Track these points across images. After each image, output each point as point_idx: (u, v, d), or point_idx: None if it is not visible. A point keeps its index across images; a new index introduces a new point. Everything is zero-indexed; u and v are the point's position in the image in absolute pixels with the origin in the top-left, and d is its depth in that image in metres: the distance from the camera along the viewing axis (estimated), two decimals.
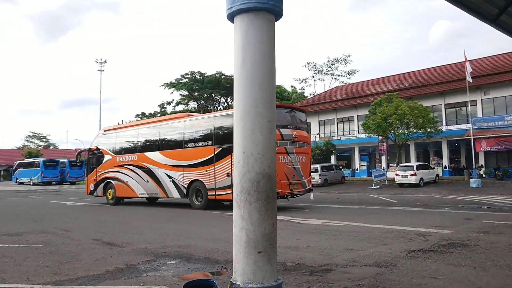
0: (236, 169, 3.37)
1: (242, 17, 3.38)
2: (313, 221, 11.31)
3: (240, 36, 3.38)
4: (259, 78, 3.29)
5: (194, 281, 3.47)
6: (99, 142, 20.10)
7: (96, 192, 19.67)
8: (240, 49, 3.35)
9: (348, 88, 50.31)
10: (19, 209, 17.52)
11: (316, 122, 45.48)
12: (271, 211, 3.27)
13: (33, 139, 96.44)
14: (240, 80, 3.34)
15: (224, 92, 60.64)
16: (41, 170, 49.05)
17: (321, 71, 66.25)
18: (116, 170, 18.50)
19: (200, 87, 59.42)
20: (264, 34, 3.34)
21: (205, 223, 11.57)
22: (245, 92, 3.30)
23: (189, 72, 61.16)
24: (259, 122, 3.25)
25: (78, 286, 5.25)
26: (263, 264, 3.18)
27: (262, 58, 3.31)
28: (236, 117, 3.37)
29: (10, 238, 9.32)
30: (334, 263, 6.21)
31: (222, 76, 60.70)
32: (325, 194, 24.56)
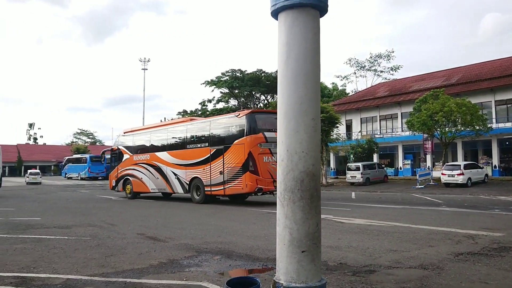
0: (280, 167, 3.33)
1: (287, 13, 3.33)
2: (355, 220, 11.12)
3: (284, 33, 3.33)
4: (303, 75, 3.24)
5: (236, 278, 3.48)
6: (119, 143, 22.29)
7: (117, 187, 21.77)
8: (284, 46, 3.31)
9: (392, 85, 49.03)
10: (68, 203, 18.33)
11: (358, 119, 44.67)
12: (315, 210, 3.22)
13: (80, 135, 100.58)
14: (284, 78, 3.30)
15: (264, 90, 60.65)
16: (88, 166, 51.08)
17: (363, 67, 64.96)
18: (133, 168, 20.55)
19: (240, 84, 59.75)
20: (309, 30, 3.28)
21: (244, 220, 11.64)
22: (289, 89, 3.26)
23: (230, 70, 61.65)
24: (303, 120, 3.20)
25: (123, 279, 5.42)
26: (307, 264, 3.14)
27: (306, 55, 3.26)
28: (280, 114, 3.34)
29: (61, 231, 9.76)
30: (378, 264, 6.08)
31: (263, 73, 60.73)
32: (366, 193, 24.08)
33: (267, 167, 15.16)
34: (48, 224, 10.98)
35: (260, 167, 15.14)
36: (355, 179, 31.38)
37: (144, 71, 62.06)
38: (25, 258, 6.75)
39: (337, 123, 32.45)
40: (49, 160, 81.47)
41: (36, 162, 76.50)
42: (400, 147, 40.09)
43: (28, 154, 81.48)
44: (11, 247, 7.69)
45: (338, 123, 32.89)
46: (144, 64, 61.70)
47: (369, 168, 32.50)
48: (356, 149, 37.82)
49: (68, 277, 5.54)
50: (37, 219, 11.99)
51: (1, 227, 10.32)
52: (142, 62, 61.83)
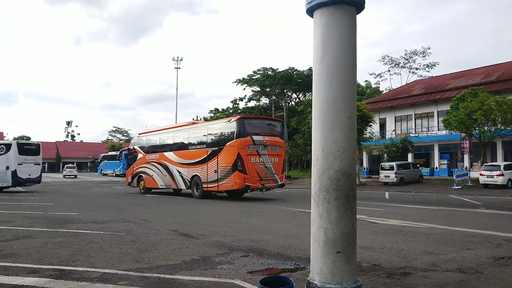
0: (315, 167, 3.29)
1: (322, 11, 3.29)
2: (388, 221, 10.89)
3: (319, 30, 3.29)
4: (339, 74, 3.18)
5: (270, 276, 3.46)
6: (135, 143, 24.79)
7: (132, 183, 23.96)
8: (320, 44, 3.27)
9: (428, 82, 47.70)
10: (104, 199, 18.85)
11: (392, 118, 43.72)
12: (351, 211, 3.17)
13: (115, 133, 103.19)
14: (320, 76, 3.26)
15: (296, 88, 60.33)
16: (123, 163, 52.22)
17: (398, 64, 63.49)
18: (145, 166, 22.63)
19: (272, 83, 59.64)
20: (345, 27, 3.23)
21: (276, 219, 11.61)
22: (324, 88, 3.21)
23: (261, 68, 61.64)
24: (339, 119, 3.15)
25: (157, 274, 5.51)
26: (342, 265, 3.09)
27: (342, 53, 3.20)
28: (315, 113, 3.30)
29: (97, 226, 10.03)
30: (413, 267, 5.93)
31: (294, 71, 60.41)
32: (401, 193, 23.56)
33: (254, 167, 16.88)
34: (85, 219, 11.32)
35: (248, 167, 16.69)
36: (389, 178, 30.76)
37: (177, 70, 62.94)
38: (63, 251, 6.98)
39: (370, 121, 31.92)
40: (85, 157, 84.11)
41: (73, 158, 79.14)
42: (436, 146, 38.97)
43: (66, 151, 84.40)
44: (51, 240, 7.97)
45: (371, 122, 32.35)
46: (177, 63, 62.57)
47: (403, 167, 31.77)
48: (390, 148, 37.04)
49: (104, 271, 5.68)
50: (75, 214, 12.38)
51: (41, 221, 10.72)
52: (175, 61, 62.70)
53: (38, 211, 13.00)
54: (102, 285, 4.99)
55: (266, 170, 17.30)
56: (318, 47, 3.29)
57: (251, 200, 18.18)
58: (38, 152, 24.35)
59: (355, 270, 3.28)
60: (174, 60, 62.66)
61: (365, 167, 44.10)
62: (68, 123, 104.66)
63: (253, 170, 16.81)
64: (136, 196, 20.80)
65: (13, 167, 22.38)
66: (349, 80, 3.22)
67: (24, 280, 5.20)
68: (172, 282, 5.16)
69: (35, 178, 23.97)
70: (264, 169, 17.21)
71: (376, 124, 40.13)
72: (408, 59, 62.26)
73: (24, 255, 6.66)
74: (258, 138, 17.08)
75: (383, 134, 43.62)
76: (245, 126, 17.16)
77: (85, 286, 4.94)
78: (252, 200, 18.21)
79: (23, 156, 23.04)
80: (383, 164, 32.49)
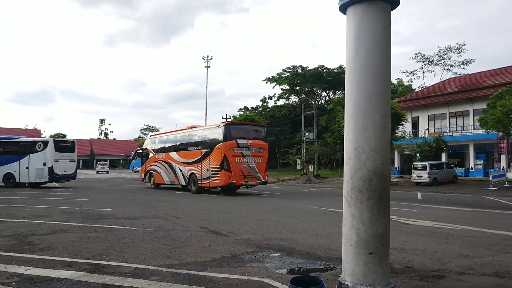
0: (347, 166, 3.24)
1: (356, 7, 3.22)
2: (421, 222, 10.64)
3: (353, 27, 3.23)
4: (373, 71, 3.12)
5: (300, 276, 3.44)
6: (147, 143, 27.57)
7: (145, 179, 26.44)
8: (353, 41, 3.21)
9: (463, 80, 46.24)
10: (136, 195, 19.25)
11: (425, 116, 42.63)
12: (384, 211, 3.10)
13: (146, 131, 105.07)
14: (353, 73, 3.20)
15: (326, 86, 59.78)
16: None
17: (431, 62, 61.81)
18: (155, 164, 25.12)
19: (301, 81, 59.32)
20: (379, 24, 3.15)
21: (305, 218, 11.54)
22: (357, 85, 3.15)
23: (291, 66, 61.39)
24: (372, 117, 3.08)
25: (188, 271, 5.57)
26: (374, 266, 3.03)
27: (376, 50, 3.13)
28: (348, 111, 3.24)
29: (129, 221, 10.25)
30: (447, 269, 5.77)
31: (324, 69, 59.86)
32: (434, 193, 22.97)
33: (239, 167, 19.17)
34: (118, 214, 11.59)
35: (232, 166, 18.96)
36: (421, 179, 30.02)
37: (207, 68, 63.50)
38: (97, 246, 7.17)
39: (402, 120, 31.24)
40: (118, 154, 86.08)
41: (107, 156, 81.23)
42: (471, 146, 37.75)
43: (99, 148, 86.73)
44: (85, 235, 8.20)
45: (403, 120, 31.66)
46: (206, 62, 63.12)
47: (436, 167, 30.93)
48: (422, 147, 36.12)
49: (137, 266, 5.79)
50: (108, 210, 12.69)
51: (77, 216, 11.05)
52: (205, 60, 63.26)
53: (73, 207, 13.41)
54: (134, 280, 5.08)
55: (250, 169, 19.56)
56: (351, 44, 3.23)
57: (280, 199, 18.16)
58: (73, 149, 25.13)
59: (388, 272, 3.21)
60: (204, 59, 63.26)
61: (396, 166, 43.23)
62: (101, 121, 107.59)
63: (237, 169, 19.12)
64: (167, 193, 21.15)
65: (50, 163, 23.15)
66: (383, 78, 3.14)
67: (61, 273, 5.37)
68: (202, 278, 5.21)
69: (71, 174, 24.73)
70: (248, 168, 19.49)
71: (408, 122, 39.23)
72: (442, 56, 60.53)
73: (60, 249, 6.88)
74: (242, 142, 19.46)
75: (416, 133, 42.62)
76: (231, 131, 19.51)
77: (118, 281, 5.05)
78: (281, 199, 18.19)
79: (59, 153, 23.79)
80: (415, 164, 31.74)
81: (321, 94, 64.53)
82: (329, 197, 19.72)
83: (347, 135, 3.26)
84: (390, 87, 3.38)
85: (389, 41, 3.24)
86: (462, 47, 58.85)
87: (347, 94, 3.27)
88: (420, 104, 42.57)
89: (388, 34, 3.23)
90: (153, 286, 4.87)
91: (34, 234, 8.29)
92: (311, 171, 44.83)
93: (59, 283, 4.97)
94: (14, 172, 23.44)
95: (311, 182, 35.17)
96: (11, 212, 11.88)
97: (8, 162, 23.67)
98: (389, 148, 3.30)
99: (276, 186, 30.58)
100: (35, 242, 7.44)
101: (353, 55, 3.21)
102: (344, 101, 3.38)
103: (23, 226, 9.30)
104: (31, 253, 6.52)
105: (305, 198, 18.89)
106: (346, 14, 3.35)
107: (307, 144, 45.01)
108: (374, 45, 3.15)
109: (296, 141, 51.18)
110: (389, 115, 3.27)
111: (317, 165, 45.30)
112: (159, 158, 24.65)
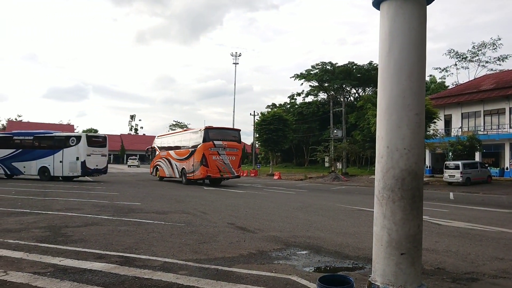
0: (379, 165, 3.17)
1: (390, 2, 3.14)
2: (453, 223, 10.36)
3: (387, 23, 3.15)
4: (407, 67, 3.03)
5: (329, 275, 3.39)
6: (155, 143, 31.73)
7: (153, 173, 30.68)
8: (387, 37, 3.12)
9: (499, 77, 44.60)
10: (164, 190, 19.55)
11: (458, 114, 41.42)
12: (417, 211, 3.02)
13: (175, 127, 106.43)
14: (386, 70, 3.12)
15: (356, 83, 58.94)
16: None
17: (465, 58, 59.89)
18: (159, 160, 29.26)
19: (330, 77, 58.69)
20: (414, 19, 3.06)
21: (333, 216, 11.43)
22: (391, 82, 3.07)
23: (320, 63, 60.84)
24: (406, 114, 3.00)
25: (215, 266, 5.61)
26: (406, 267, 2.95)
27: (411, 46, 3.04)
28: (381, 109, 3.16)
29: (158, 216, 10.42)
30: (481, 272, 5.59)
31: (354, 66, 59.03)
32: (467, 194, 22.32)
33: (215, 163, 23.19)
34: (147, 209, 11.79)
35: (210, 163, 22.95)
36: (454, 178, 29.21)
37: (235, 65, 63.70)
38: (128, 239, 7.31)
39: (434, 118, 30.49)
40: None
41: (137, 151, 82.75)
42: (507, 145, 36.44)
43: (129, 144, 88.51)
44: (116, 228, 8.39)
45: (435, 118, 30.89)
46: (235, 59, 63.31)
47: (470, 167, 30.01)
48: (455, 146, 35.12)
49: (166, 260, 5.88)
50: (138, 204, 12.94)
51: (108, 210, 11.32)
52: (233, 56, 63.51)
53: (105, 200, 13.74)
54: (163, 274, 5.16)
55: (225, 165, 23.58)
56: (385, 40, 3.15)
57: (308, 196, 18.07)
58: (105, 144, 25.75)
59: (420, 273, 3.13)
60: (233, 56, 63.49)
61: (427, 165, 42.25)
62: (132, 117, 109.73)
63: (214, 165, 23.11)
64: (194, 189, 21.39)
65: (83, 158, 23.80)
66: (418, 74, 3.05)
67: (92, 265, 5.51)
68: (230, 274, 5.24)
69: (102, 169, 25.36)
70: (223, 164, 23.50)
71: (441, 120, 38.23)
72: (477, 52, 58.52)
73: (92, 241, 7.06)
74: (218, 143, 23.49)
75: (448, 131, 41.49)
76: (209, 134, 23.37)
77: (148, 274, 5.14)
78: (309, 196, 18.09)
79: (91, 147, 24.43)
80: (447, 163, 30.91)
81: (351, 91, 63.68)
82: (357, 196, 19.48)
83: (379, 133, 3.18)
84: (425, 84, 3.28)
85: (424, 37, 3.14)
86: (497, 42, 56.73)
87: (380, 91, 3.19)
88: (454, 101, 41.39)
89: (424, 30, 3.13)
90: (181, 280, 4.92)
91: (67, 226, 8.54)
92: (339, 169, 44.36)
93: (91, 274, 5.09)
94: (49, 166, 24.21)
95: (339, 180, 34.80)
96: (46, 204, 12.28)
97: (44, 156, 24.47)
98: (424, 147, 3.20)
99: (303, 184, 30.44)
100: (69, 234, 7.66)
101: (387, 51, 3.13)
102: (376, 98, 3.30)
103: (57, 218, 9.60)
104: (64, 245, 6.72)
105: (333, 196, 18.73)
106: (379, 9, 3.27)
107: (335, 141, 44.55)
108: (409, 41, 3.06)
109: (324, 139, 50.73)
110: (424, 113, 3.17)
111: (345, 163, 44.78)
112: (162, 156, 28.81)
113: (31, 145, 25.17)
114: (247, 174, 43.62)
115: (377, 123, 3.24)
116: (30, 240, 7.02)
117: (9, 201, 12.72)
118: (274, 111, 48.03)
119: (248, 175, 42.86)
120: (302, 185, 27.90)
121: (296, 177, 40.00)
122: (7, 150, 25.20)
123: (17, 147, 25.16)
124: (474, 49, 58.42)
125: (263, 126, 43.50)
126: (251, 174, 43.67)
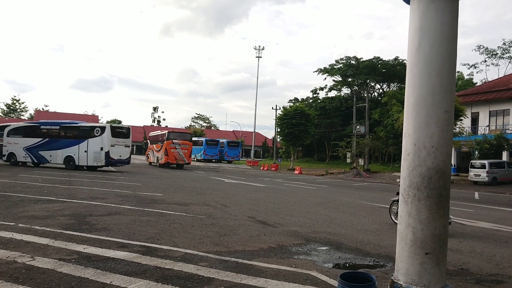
0: (405, 162, 3.10)
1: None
2: (478, 223, 10.13)
3: (417, 17, 3.07)
4: (438, 63, 2.95)
5: (351, 272, 3.37)
6: (148, 137, 43.45)
7: (146, 160, 40.75)
8: (417, 32, 3.05)
9: None
10: (186, 182, 19.74)
11: (486, 112, 40.32)
12: (443, 211, 2.95)
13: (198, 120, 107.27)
14: (416, 66, 3.04)
15: (380, 78, 58.03)
16: (204, 149, 54.15)
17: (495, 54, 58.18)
18: (149, 151, 39.36)
19: (354, 72, 57.93)
20: (446, 14, 2.97)
21: (354, 212, 11.34)
22: (420, 78, 2.99)
23: (344, 58, 60.12)
24: (436, 112, 2.92)
25: (236, 259, 5.64)
26: (431, 267, 2.90)
27: (442, 41, 2.96)
28: (408, 106, 3.09)
29: (179, 207, 10.53)
30: (506, 275, 5.47)
31: (379, 61, 58.10)
32: (493, 194, 21.79)
33: (173, 154, 33.54)
34: (168, 200, 11.94)
35: (169, 154, 33.37)
36: (479, 178, 28.54)
37: (258, 59, 63.55)
38: (150, 229, 7.42)
39: (461, 115, 29.79)
40: None
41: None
42: None
43: None
44: (138, 218, 8.52)
45: (462, 116, 30.17)
46: (258, 52, 63.18)
47: (496, 166, 29.25)
48: (482, 145, 34.25)
49: (186, 251, 5.94)
50: (159, 195, 13.10)
51: (130, 200, 11.51)
52: (256, 50, 63.38)
53: (127, 190, 13.96)
54: (184, 265, 5.22)
55: (180, 156, 33.90)
56: (415, 35, 3.07)
57: (328, 192, 17.96)
58: (128, 135, 26.12)
59: (445, 273, 3.07)
60: (256, 49, 63.38)
61: (453, 164, 41.36)
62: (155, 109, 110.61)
63: (172, 155, 33.58)
64: (216, 181, 21.53)
65: (107, 148, 24.22)
66: (448, 71, 2.97)
67: (115, 253, 5.62)
68: (250, 267, 5.26)
69: (125, 159, 25.76)
70: (178, 155, 33.86)
71: (468, 118, 37.32)
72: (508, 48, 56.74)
73: (115, 230, 7.20)
74: (176, 141, 33.96)
75: (475, 129, 40.47)
76: (169, 135, 34.36)
77: (169, 264, 5.21)
78: (330, 192, 17.98)
79: (115, 138, 24.81)
80: (473, 162, 30.22)
81: (375, 86, 62.77)
82: (379, 193, 19.26)
83: (406, 130, 3.11)
84: (455, 81, 3.20)
85: (456, 32, 3.05)
86: None
87: (408, 87, 3.12)
88: (482, 99, 40.30)
89: (455, 25, 3.04)
90: (202, 271, 4.97)
91: (91, 214, 8.72)
92: (361, 165, 43.91)
93: (114, 262, 5.19)
94: (74, 155, 24.73)
95: (361, 177, 34.45)
96: (71, 193, 12.57)
97: (69, 145, 25.00)
98: (452, 145, 3.12)
99: (324, 179, 30.27)
100: (92, 223, 7.82)
101: (417, 46, 3.05)
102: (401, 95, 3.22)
103: (82, 206, 9.81)
104: (88, 233, 6.87)
105: (354, 193, 18.57)
106: (409, 3, 3.19)
107: (357, 137, 44.07)
108: (441, 36, 2.97)
109: (347, 134, 50.22)
110: (453, 111, 3.10)
111: (367, 159, 44.27)
112: (151, 147, 38.85)
113: (57, 135, 25.75)
114: (267, 168, 43.56)
115: (404, 120, 3.17)
116: (55, 227, 7.20)
117: (36, 189, 13.06)
118: (296, 106, 47.77)
119: (269, 169, 42.82)
120: (323, 181, 27.75)
121: (317, 172, 39.80)
122: (34, 139, 25.84)
123: (44, 136, 25.78)
124: (505, 46, 56.67)
125: (285, 120, 43.35)
126: (272, 168, 43.56)
